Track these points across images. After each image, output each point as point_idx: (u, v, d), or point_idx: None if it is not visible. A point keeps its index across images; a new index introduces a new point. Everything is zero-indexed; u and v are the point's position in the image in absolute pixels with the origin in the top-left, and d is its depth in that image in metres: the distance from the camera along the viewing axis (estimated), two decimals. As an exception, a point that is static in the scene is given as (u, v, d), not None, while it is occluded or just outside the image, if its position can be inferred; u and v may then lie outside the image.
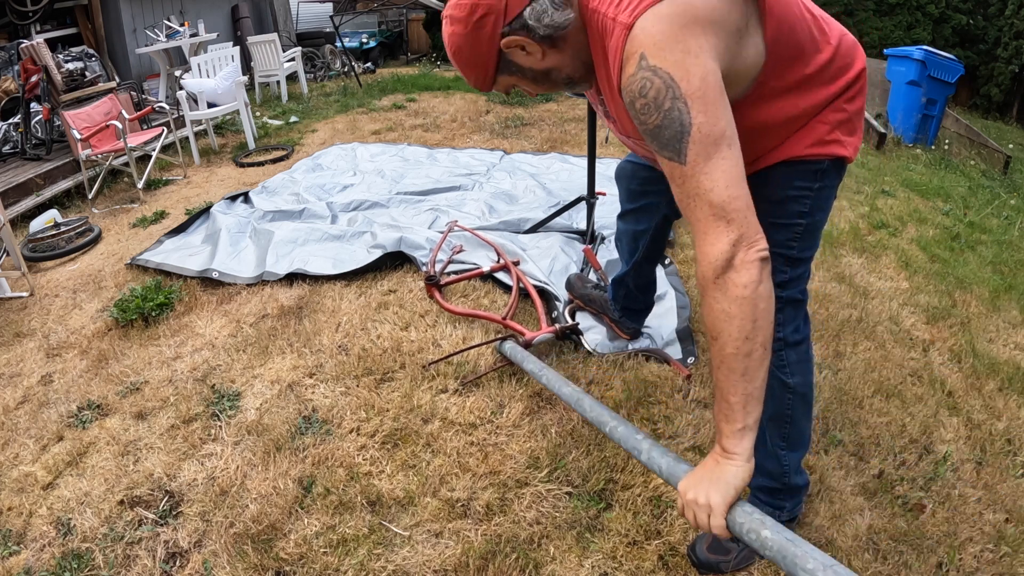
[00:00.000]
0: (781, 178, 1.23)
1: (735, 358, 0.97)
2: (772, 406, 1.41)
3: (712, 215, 0.96)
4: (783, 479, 1.44)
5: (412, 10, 12.05)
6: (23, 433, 2.03)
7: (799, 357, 1.38)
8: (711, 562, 1.43)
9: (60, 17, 6.42)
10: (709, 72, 0.95)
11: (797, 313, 1.36)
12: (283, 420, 1.93)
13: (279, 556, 1.50)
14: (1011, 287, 2.85)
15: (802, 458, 1.47)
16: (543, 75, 1.15)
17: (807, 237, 1.29)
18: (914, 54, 5.58)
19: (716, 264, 0.96)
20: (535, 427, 1.84)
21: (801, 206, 1.25)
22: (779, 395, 1.41)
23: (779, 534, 0.92)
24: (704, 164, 0.95)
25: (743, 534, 0.96)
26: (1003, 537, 1.54)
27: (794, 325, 1.35)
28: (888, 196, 3.95)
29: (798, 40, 1.12)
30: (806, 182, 1.23)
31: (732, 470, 0.99)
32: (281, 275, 2.76)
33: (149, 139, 4.52)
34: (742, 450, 0.99)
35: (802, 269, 1.34)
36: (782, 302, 1.31)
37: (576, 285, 2.38)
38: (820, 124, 1.19)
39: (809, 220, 1.27)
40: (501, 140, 4.95)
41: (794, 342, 1.36)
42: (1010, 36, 9.23)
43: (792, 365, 1.38)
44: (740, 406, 0.98)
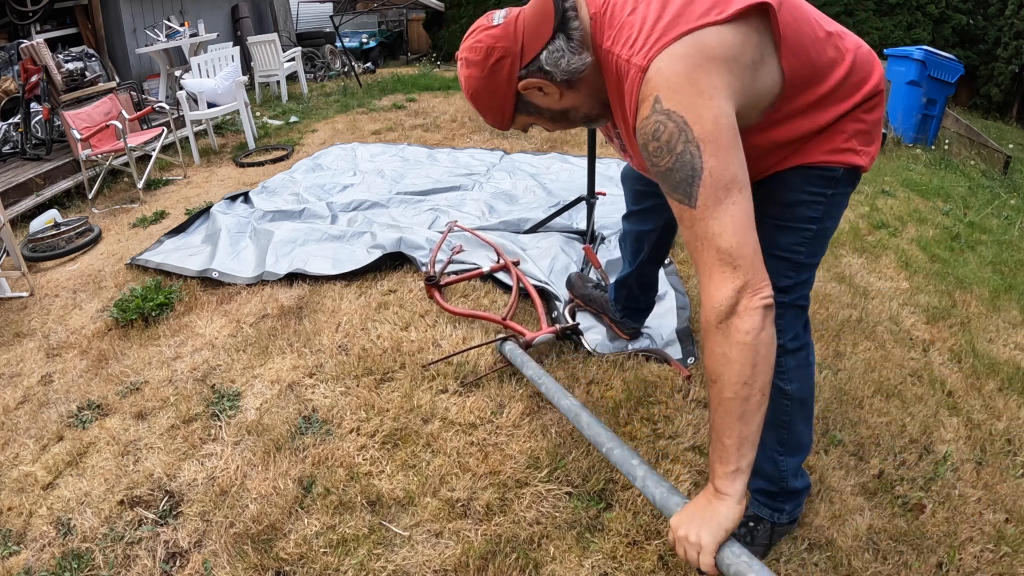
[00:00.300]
0: (794, 182, 1.22)
1: (732, 402, 0.98)
2: (770, 411, 1.40)
3: (719, 260, 0.96)
4: (781, 483, 1.44)
5: (412, 10, 12.06)
6: (23, 433, 2.03)
7: (798, 363, 1.37)
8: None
9: (60, 17, 6.42)
10: (722, 114, 0.95)
11: (797, 320, 1.35)
12: (283, 420, 1.93)
13: (279, 556, 1.50)
14: (1011, 287, 2.85)
15: (802, 462, 1.46)
16: (561, 114, 1.15)
17: (815, 243, 1.28)
18: (914, 54, 5.58)
19: (720, 309, 0.97)
20: (535, 427, 1.84)
21: (812, 211, 1.24)
22: (776, 400, 1.39)
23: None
24: (714, 209, 0.95)
25: (728, 575, 0.97)
26: (1003, 537, 1.54)
27: (793, 332, 1.34)
28: (888, 196, 3.95)
29: (813, 62, 1.11)
30: (819, 188, 1.22)
31: (724, 511, 1.00)
32: (281, 275, 2.76)
33: (149, 139, 4.52)
34: (734, 491, 1.00)
35: (807, 275, 1.33)
36: (783, 307, 1.30)
37: (577, 285, 2.38)
38: (838, 133, 1.18)
39: (819, 226, 1.26)
40: (501, 140, 4.95)
41: (793, 349, 1.35)
42: (1010, 36, 9.23)
43: (790, 371, 1.37)
44: (735, 448, 0.99)
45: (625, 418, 1.86)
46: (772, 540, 1.48)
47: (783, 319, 1.32)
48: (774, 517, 1.47)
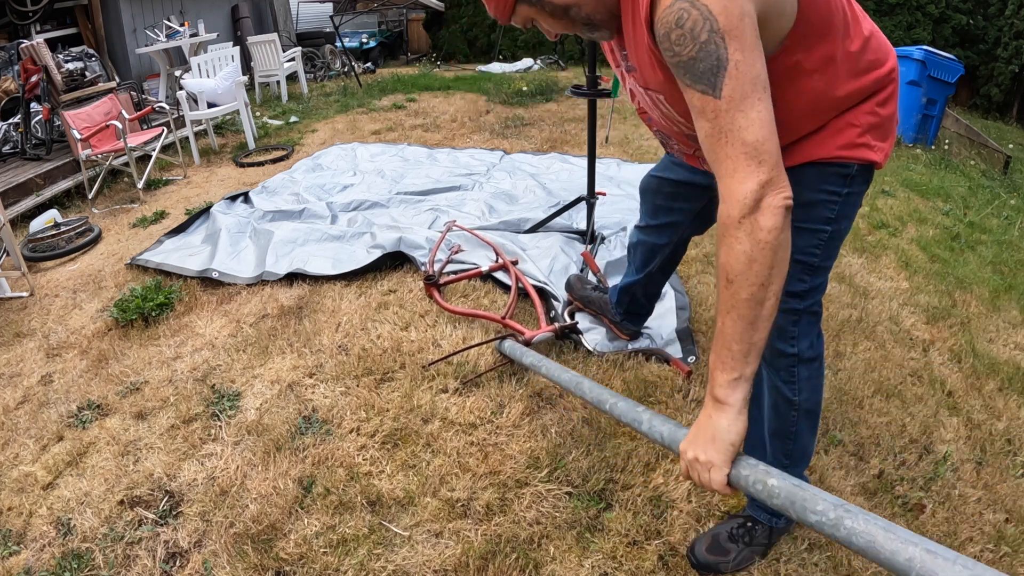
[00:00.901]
0: (810, 180, 1.19)
1: (748, 304, 0.95)
2: (776, 422, 1.40)
3: (744, 153, 0.92)
4: None
5: (412, 10, 12.06)
6: (23, 433, 2.03)
7: (810, 374, 1.34)
8: (710, 563, 1.43)
9: (60, 17, 6.42)
10: (747, 13, 0.91)
11: (812, 328, 1.32)
12: (283, 420, 1.93)
13: (279, 556, 1.50)
14: (1011, 287, 2.85)
15: (804, 470, 1.45)
16: (562, 10, 1.10)
17: (830, 245, 1.25)
18: (914, 54, 5.58)
19: (744, 203, 0.92)
20: (535, 427, 1.84)
21: (828, 211, 1.21)
22: (783, 411, 1.38)
23: (785, 480, 0.91)
24: (740, 102, 0.92)
25: (748, 486, 0.94)
26: (1003, 537, 1.54)
27: (809, 340, 1.32)
28: (888, 196, 3.95)
29: (829, 13, 1.08)
30: (835, 186, 1.20)
31: (725, 424, 0.97)
32: (281, 275, 2.76)
33: (149, 139, 4.52)
34: (735, 400, 0.98)
35: (821, 279, 1.29)
36: (799, 313, 1.29)
37: (576, 286, 2.38)
38: (851, 127, 1.16)
39: (835, 227, 1.23)
40: (501, 140, 4.95)
41: (808, 358, 1.33)
42: (1010, 36, 9.23)
43: (802, 382, 1.34)
44: (742, 355, 0.96)
45: (625, 418, 1.86)
46: (771, 540, 1.48)
47: (798, 326, 1.30)
48: (772, 522, 1.47)
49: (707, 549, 1.45)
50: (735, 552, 1.44)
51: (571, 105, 6.00)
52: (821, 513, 0.86)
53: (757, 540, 1.46)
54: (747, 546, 1.45)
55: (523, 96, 6.43)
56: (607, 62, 1.40)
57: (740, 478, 0.96)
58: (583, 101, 3.23)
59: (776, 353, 1.34)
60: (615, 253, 2.84)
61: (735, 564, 1.44)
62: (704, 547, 1.45)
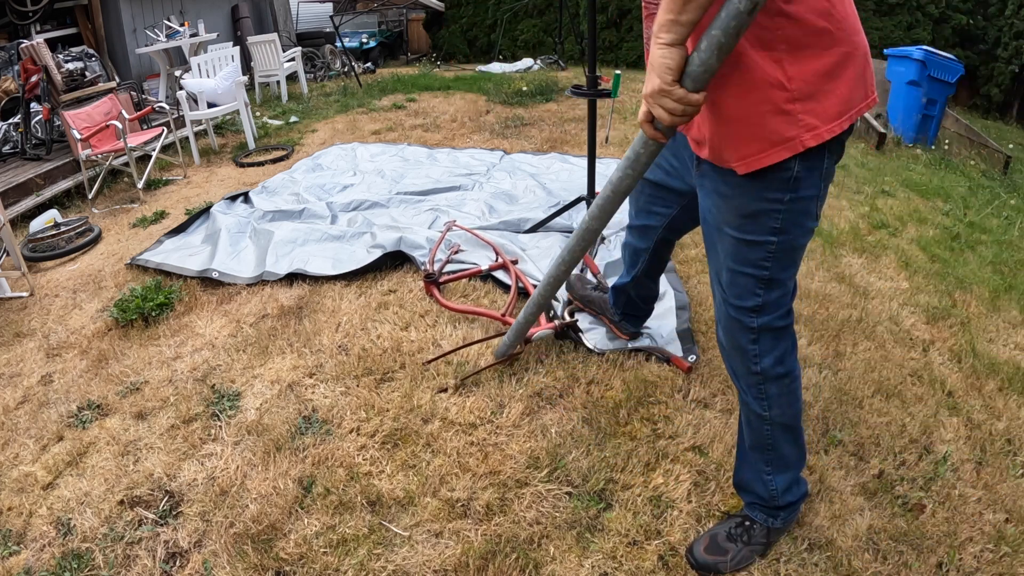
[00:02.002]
0: (751, 189, 1.16)
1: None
2: (751, 436, 1.41)
3: None
4: (773, 501, 1.44)
5: (412, 10, 12.06)
6: (23, 433, 2.03)
7: (780, 391, 1.32)
8: (709, 563, 1.43)
9: (60, 17, 6.42)
10: None
11: (777, 342, 1.29)
12: (283, 420, 1.93)
13: (279, 556, 1.50)
14: (1011, 287, 2.85)
15: (793, 477, 1.45)
16: None
17: (783, 256, 1.21)
18: (914, 54, 5.58)
19: None
20: (535, 427, 1.84)
21: (773, 221, 1.17)
22: (756, 426, 1.38)
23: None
24: None
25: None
26: (1003, 537, 1.54)
27: (774, 356, 1.29)
28: (888, 196, 3.95)
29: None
30: (777, 193, 1.15)
31: (658, 53, 1.02)
32: (281, 275, 2.76)
33: (149, 139, 4.52)
34: (667, 38, 1.01)
35: (779, 292, 1.25)
36: (755, 331, 1.27)
37: (576, 286, 2.39)
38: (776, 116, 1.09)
39: (782, 238, 1.18)
40: (501, 140, 4.95)
41: (775, 376, 1.30)
42: (1010, 36, 9.23)
43: (772, 399, 1.33)
44: (682, 2, 0.97)
45: (625, 418, 1.86)
46: (770, 540, 1.48)
47: (759, 344, 1.28)
48: (769, 522, 1.47)
49: (705, 549, 1.45)
50: (733, 552, 1.44)
51: (571, 105, 6.00)
52: None
53: (755, 539, 1.46)
54: (745, 545, 1.46)
55: (523, 96, 6.43)
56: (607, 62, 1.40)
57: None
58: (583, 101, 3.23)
59: (742, 371, 1.34)
60: (615, 253, 2.84)
61: (734, 564, 1.44)
62: (702, 547, 1.46)
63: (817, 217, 1.22)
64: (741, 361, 1.33)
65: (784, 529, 1.50)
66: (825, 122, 1.09)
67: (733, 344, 1.33)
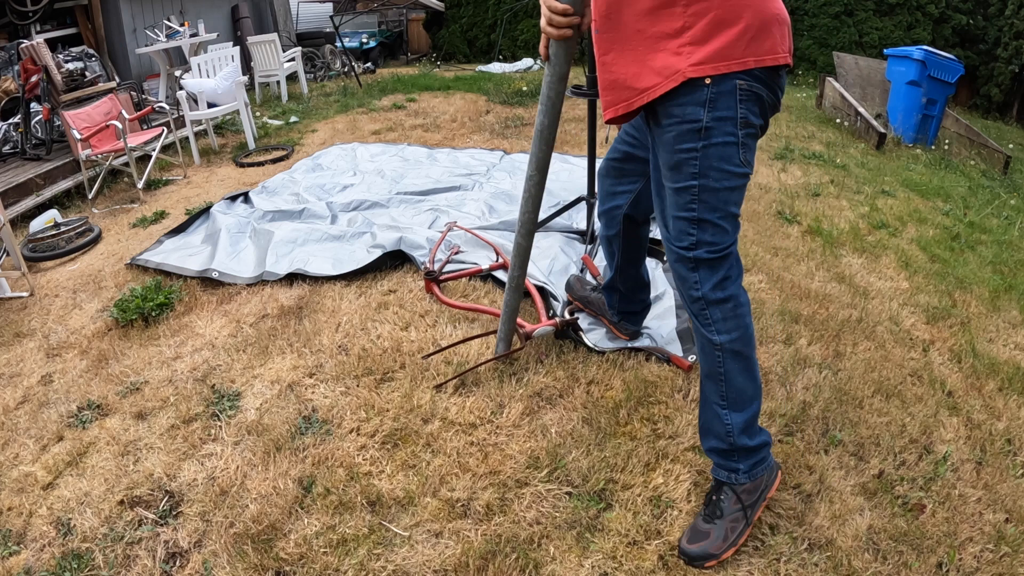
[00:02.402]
0: (669, 141, 1.34)
1: None
2: (704, 362, 1.48)
3: None
4: (729, 439, 1.46)
5: (412, 10, 12.06)
6: (23, 433, 2.03)
7: (724, 315, 1.42)
8: (697, 552, 1.44)
9: (60, 17, 6.42)
10: None
11: (714, 271, 1.41)
12: (283, 420, 1.93)
13: (279, 556, 1.50)
14: (1011, 287, 2.85)
15: (749, 419, 1.46)
16: None
17: (707, 198, 1.35)
18: (914, 54, 5.58)
19: None
20: (535, 427, 1.84)
21: (691, 167, 1.34)
22: (709, 352, 1.46)
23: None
24: None
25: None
26: (1003, 537, 1.54)
27: (713, 282, 1.41)
28: (888, 196, 3.95)
29: None
30: (690, 143, 1.32)
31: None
32: (281, 275, 2.76)
33: (149, 139, 4.52)
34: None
35: (710, 232, 1.38)
36: (694, 263, 1.41)
37: (575, 287, 2.39)
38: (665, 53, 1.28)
39: (702, 181, 1.34)
40: (501, 140, 4.95)
41: (716, 300, 1.42)
42: (1010, 36, 9.23)
43: (718, 323, 1.42)
44: None
45: (625, 418, 1.86)
46: (744, 504, 1.48)
47: (697, 272, 1.41)
48: (731, 478, 1.48)
49: (689, 540, 1.47)
50: (715, 532, 1.46)
51: (571, 105, 6.00)
52: None
53: (728, 510, 1.47)
54: (722, 519, 1.47)
55: (523, 96, 6.43)
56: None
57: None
58: (583, 101, 3.22)
59: (688, 298, 1.46)
60: (615, 253, 2.83)
61: (720, 540, 1.45)
62: (687, 540, 1.48)
63: (744, 163, 1.35)
64: (685, 289, 1.45)
65: (754, 489, 1.49)
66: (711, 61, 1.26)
67: (677, 274, 1.47)
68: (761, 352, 2.16)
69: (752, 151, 1.37)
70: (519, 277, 1.90)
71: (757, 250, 2.93)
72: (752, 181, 3.97)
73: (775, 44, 1.30)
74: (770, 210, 3.49)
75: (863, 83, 6.67)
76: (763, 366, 2.09)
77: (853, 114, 5.82)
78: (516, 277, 1.90)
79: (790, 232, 3.23)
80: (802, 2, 9.65)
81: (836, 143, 5.29)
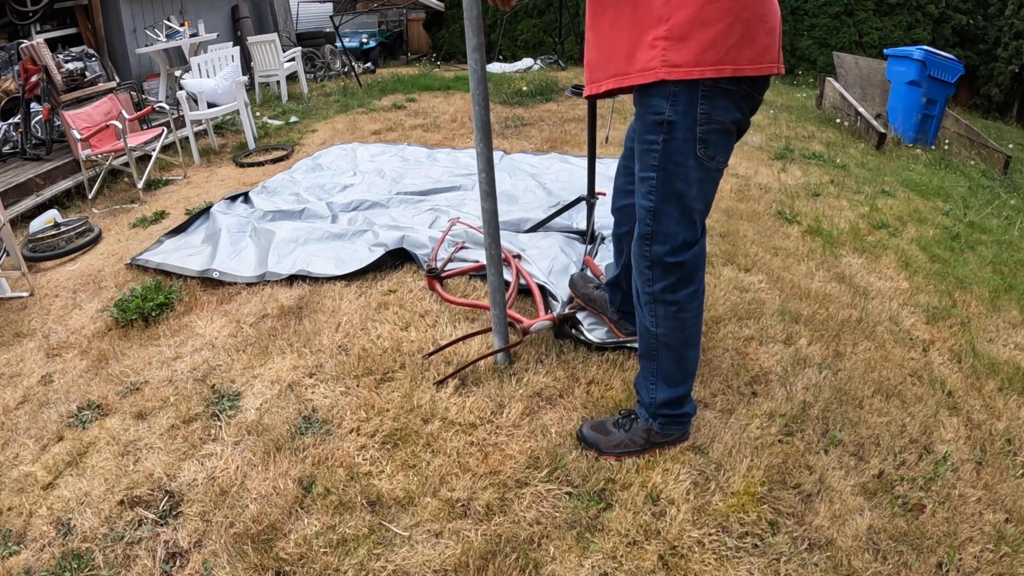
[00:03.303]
0: (639, 130, 1.41)
1: None
2: (641, 343, 1.66)
3: None
4: (651, 408, 1.67)
5: (412, 10, 12.06)
6: (23, 433, 2.03)
7: (667, 314, 1.54)
8: (591, 439, 1.70)
9: (60, 17, 6.42)
10: None
11: (667, 275, 1.49)
12: (283, 420, 1.93)
13: (279, 556, 1.50)
14: (1011, 287, 2.85)
15: (675, 396, 1.64)
16: None
17: (663, 190, 1.41)
18: (914, 54, 5.58)
19: None
20: (535, 427, 1.84)
21: (651, 159, 1.40)
22: (645, 337, 1.62)
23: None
24: None
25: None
26: (1003, 537, 1.54)
27: (664, 284, 1.51)
28: (888, 196, 3.95)
29: None
30: (653, 135, 1.38)
31: None
32: (284, 276, 2.76)
33: (149, 139, 4.52)
34: None
35: (664, 224, 1.44)
36: (649, 260, 1.50)
37: (578, 284, 2.39)
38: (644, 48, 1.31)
39: (659, 173, 1.40)
40: (501, 140, 4.95)
41: (663, 300, 1.52)
42: (1010, 36, 9.22)
43: (659, 318, 1.55)
44: None
45: (625, 418, 1.86)
46: (649, 440, 1.68)
47: (652, 270, 1.50)
48: (648, 422, 1.69)
49: (592, 428, 1.72)
50: (616, 436, 1.69)
51: (571, 105, 6.00)
52: None
53: (635, 432, 1.69)
54: (626, 433, 1.69)
55: (523, 96, 6.43)
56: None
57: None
58: (583, 101, 3.23)
59: (640, 287, 1.57)
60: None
61: (611, 445, 1.68)
62: (590, 427, 1.73)
63: (706, 158, 1.38)
64: (640, 279, 1.56)
65: (664, 437, 1.69)
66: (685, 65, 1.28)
67: (636, 265, 1.57)
68: (761, 352, 2.17)
69: (718, 146, 1.39)
70: (493, 247, 1.90)
71: (757, 250, 2.93)
72: (752, 181, 3.97)
73: (759, 53, 1.29)
74: (770, 210, 3.49)
75: (863, 83, 6.67)
76: (763, 366, 2.09)
77: (853, 114, 5.82)
78: (491, 246, 1.90)
79: (790, 232, 3.23)
80: (802, 2, 9.64)
81: (836, 143, 5.29)
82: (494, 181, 1.84)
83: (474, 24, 1.66)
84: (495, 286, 1.97)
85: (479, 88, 1.73)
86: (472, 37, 1.67)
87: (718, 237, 3.04)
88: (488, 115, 1.77)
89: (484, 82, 1.73)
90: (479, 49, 1.68)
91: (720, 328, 2.29)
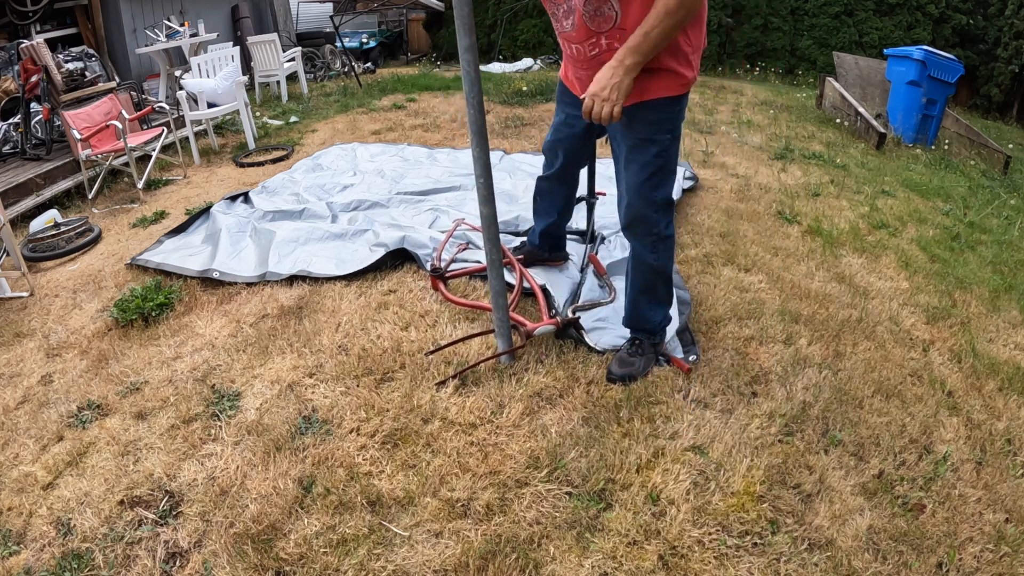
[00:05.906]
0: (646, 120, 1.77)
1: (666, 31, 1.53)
2: (641, 281, 1.98)
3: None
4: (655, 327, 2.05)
5: (412, 10, 12.06)
6: (23, 433, 2.03)
7: (666, 247, 1.92)
8: (624, 373, 1.99)
9: (60, 17, 6.42)
10: None
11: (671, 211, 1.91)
12: (283, 420, 1.93)
13: (279, 556, 1.50)
14: (1011, 287, 2.85)
15: (665, 312, 2.06)
16: None
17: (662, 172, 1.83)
18: (914, 54, 5.58)
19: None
20: (535, 427, 1.84)
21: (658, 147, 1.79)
22: (646, 275, 1.95)
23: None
24: None
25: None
26: (1003, 537, 1.54)
27: (666, 222, 1.89)
28: (888, 196, 3.95)
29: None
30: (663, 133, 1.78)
31: (628, 81, 1.58)
32: (284, 276, 2.76)
33: (149, 139, 4.52)
34: (632, 64, 1.56)
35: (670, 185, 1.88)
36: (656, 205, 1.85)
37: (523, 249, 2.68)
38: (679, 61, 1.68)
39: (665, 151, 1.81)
40: (501, 140, 4.95)
41: (668, 235, 1.90)
42: (1010, 36, 9.23)
43: (660, 252, 1.90)
44: (651, 48, 1.55)
45: (625, 418, 1.86)
46: (656, 352, 2.08)
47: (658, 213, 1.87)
48: (650, 339, 2.05)
49: (619, 365, 2.01)
50: (638, 361, 2.02)
51: (571, 105, 6.00)
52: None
53: (647, 352, 2.05)
54: (642, 356, 2.03)
55: (523, 96, 6.43)
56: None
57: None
58: (583, 101, 3.25)
59: (644, 233, 1.89)
60: (615, 254, 2.84)
61: (641, 368, 2.02)
62: (616, 366, 2.02)
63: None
64: (646, 227, 1.87)
65: (660, 344, 2.09)
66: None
67: (642, 216, 1.86)
68: (761, 352, 2.17)
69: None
70: (493, 251, 1.92)
71: (757, 250, 2.93)
72: (752, 181, 3.97)
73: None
74: (770, 210, 3.49)
75: (863, 83, 6.67)
76: (763, 366, 2.09)
77: (853, 114, 5.82)
78: (491, 251, 1.92)
79: (790, 232, 3.23)
80: (802, 2, 9.65)
81: (836, 143, 5.29)
82: (492, 186, 1.83)
83: (465, 24, 1.62)
84: (496, 290, 1.97)
85: (473, 90, 1.70)
86: (464, 37, 1.64)
87: (718, 237, 3.04)
88: (483, 118, 1.75)
89: (478, 84, 1.70)
90: (471, 50, 1.65)
91: (720, 328, 2.29)
